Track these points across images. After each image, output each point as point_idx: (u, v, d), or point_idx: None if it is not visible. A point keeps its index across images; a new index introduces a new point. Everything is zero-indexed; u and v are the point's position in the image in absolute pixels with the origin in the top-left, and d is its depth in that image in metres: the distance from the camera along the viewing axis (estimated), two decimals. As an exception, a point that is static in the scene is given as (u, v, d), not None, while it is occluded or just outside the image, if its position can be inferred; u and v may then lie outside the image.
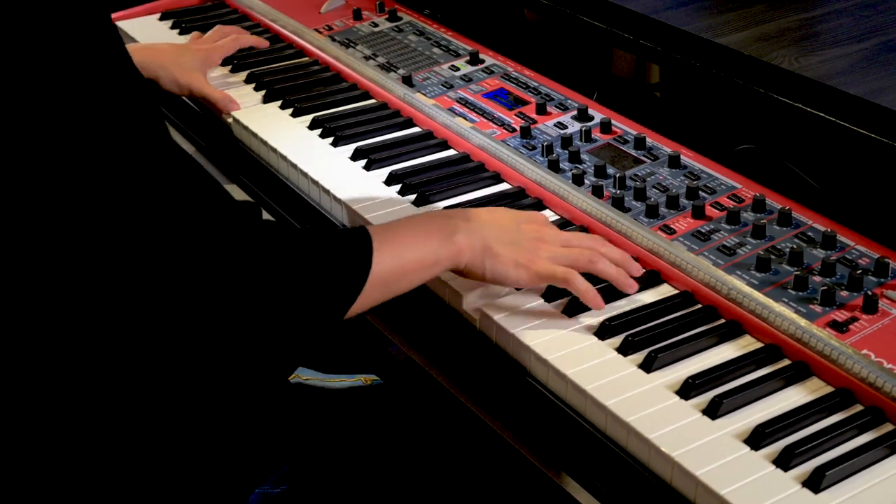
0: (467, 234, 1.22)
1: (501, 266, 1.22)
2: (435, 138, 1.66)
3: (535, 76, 1.77)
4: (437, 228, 1.22)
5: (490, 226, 1.24)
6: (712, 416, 1.11)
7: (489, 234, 1.23)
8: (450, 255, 1.21)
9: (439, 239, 1.20)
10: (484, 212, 1.27)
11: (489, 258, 1.22)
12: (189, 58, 1.81)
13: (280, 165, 1.64)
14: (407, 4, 2.06)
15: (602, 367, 1.18)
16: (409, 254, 1.18)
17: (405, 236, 1.19)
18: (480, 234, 1.22)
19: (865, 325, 1.20)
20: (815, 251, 1.32)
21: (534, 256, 1.24)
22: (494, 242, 1.22)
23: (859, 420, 1.10)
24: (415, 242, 1.19)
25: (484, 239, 1.22)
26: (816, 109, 1.41)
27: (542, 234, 1.26)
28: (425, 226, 1.22)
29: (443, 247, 1.20)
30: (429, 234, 1.21)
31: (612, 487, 1.12)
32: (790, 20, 1.63)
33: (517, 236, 1.24)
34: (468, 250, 1.22)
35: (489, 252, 1.22)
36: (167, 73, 1.77)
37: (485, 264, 1.22)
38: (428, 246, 1.19)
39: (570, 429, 1.16)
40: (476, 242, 1.22)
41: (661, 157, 1.53)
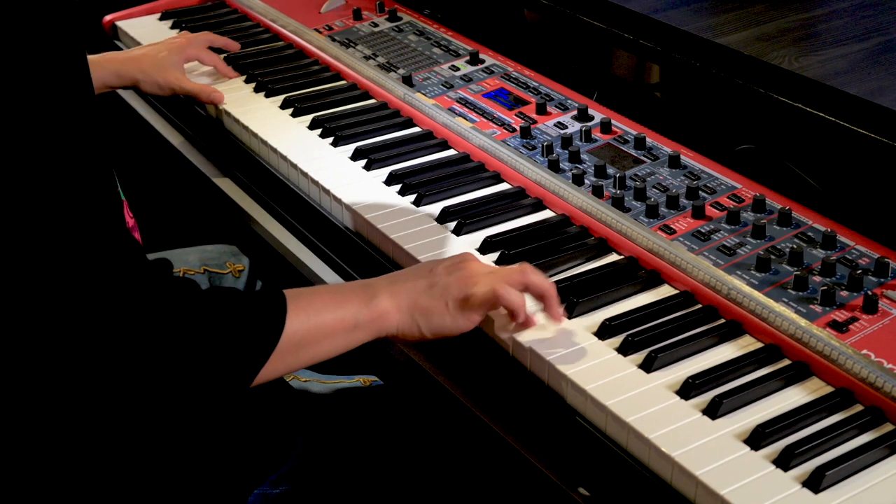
0: (390, 296, 1.17)
1: (436, 318, 1.18)
2: (435, 138, 1.66)
3: (535, 76, 1.77)
4: (357, 292, 1.17)
5: (412, 283, 1.19)
6: (712, 416, 1.11)
7: (412, 290, 1.18)
8: (372, 318, 1.16)
9: (359, 302, 1.16)
10: (405, 271, 1.23)
11: (420, 315, 1.18)
12: (165, 55, 1.80)
13: (280, 165, 1.64)
14: (407, 4, 2.06)
15: (602, 367, 1.18)
16: (326, 316, 1.13)
17: (322, 299, 1.15)
18: (405, 293, 1.18)
19: (865, 325, 1.20)
20: (815, 251, 1.32)
21: (464, 294, 1.18)
22: (419, 297, 1.18)
23: (859, 420, 1.10)
24: (333, 305, 1.14)
25: (408, 298, 1.17)
26: (816, 109, 1.41)
27: (463, 267, 1.21)
28: (344, 290, 1.18)
29: (362, 310, 1.15)
30: (347, 297, 1.16)
31: (612, 487, 1.12)
32: (790, 20, 1.63)
33: (440, 279, 1.19)
34: (395, 313, 1.17)
35: (418, 308, 1.18)
36: (146, 77, 1.76)
37: (418, 323, 1.18)
38: (347, 309, 1.15)
39: (571, 428, 1.16)
40: (402, 303, 1.17)
41: (661, 157, 1.53)
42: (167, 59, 1.79)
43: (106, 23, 2.14)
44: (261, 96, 1.80)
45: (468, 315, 1.19)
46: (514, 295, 1.19)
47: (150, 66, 1.77)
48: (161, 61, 1.78)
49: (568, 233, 1.42)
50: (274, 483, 1.34)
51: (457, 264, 1.22)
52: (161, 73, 1.76)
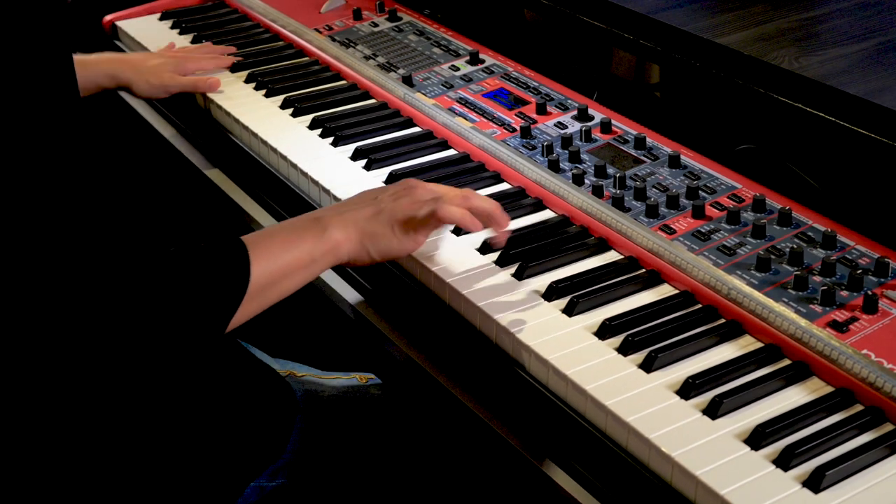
0: (340, 226, 1.23)
1: (383, 241, 1.24)
2: (435, 138, 1.66)
3: (535, 76, 1.77)
4: (309, 228, 1.22)
5: (358, 211, 1.25)
6: (712, 416, 1.11)
7: (360, 218, 1.24)
8: (326, 250, 1.22)
9: (313, 237, 1.21)
10: (351, 199, 1.29)
11: (368, 240, 1.24)
12: (158, 61, 1.81)
13: (280, 165, 1.64)
14: (407, 4, 2.06)
15: (602, 367, 1.18)
16: (285, 256, 1.18)
17: (279, 240, 1.20)
18: (353, 222, 1.24)
19: (865, 325, 1.20)
20: (815, 251, 1.32)
21: (408, 217, 1.25)
22: (367, 224, 1.24)
23: (859, 420, 1.10)
24: (289, 244, 1.20)
25: (357, 225, 1.24)
26: (816, 109, 1.41)
27: (411, 194, 1.27)
28: (297, 228, 1.23)
29: (317, 245, 1.21)
30: (301, 235, 1.21)
31: (612, 487, 1.12)
32: (790, 20, 1.63)
33: (387, 208, 1.25)
34: (345, 242, 1.23)
35: (366, 235, 1.24)
36: (139, 77, 1.77)
37: (367, 248, 1.24)
38: (302, 247, 1.20)
39: (571, 428, 1.16)
40: (351, 232, 1.23)
41: (661, 157, 1.53)
42: (162, 64, 1.81)
43: (106, 23, 2.14)
44: (261, 96, 1.80)
45: (413, 237, 1.27)
46: (454, 211, 1.25)
47: (144, 69, 1.78)
48: (153, 66, 1.80)
49: (568, 233, 1.42)
50: (270, 476, 1.34)
51: (401, 190, 1.28)
52: (154, 76, 1.78)
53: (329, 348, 1.68)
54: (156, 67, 1.80)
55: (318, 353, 1.65)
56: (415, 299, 1.37)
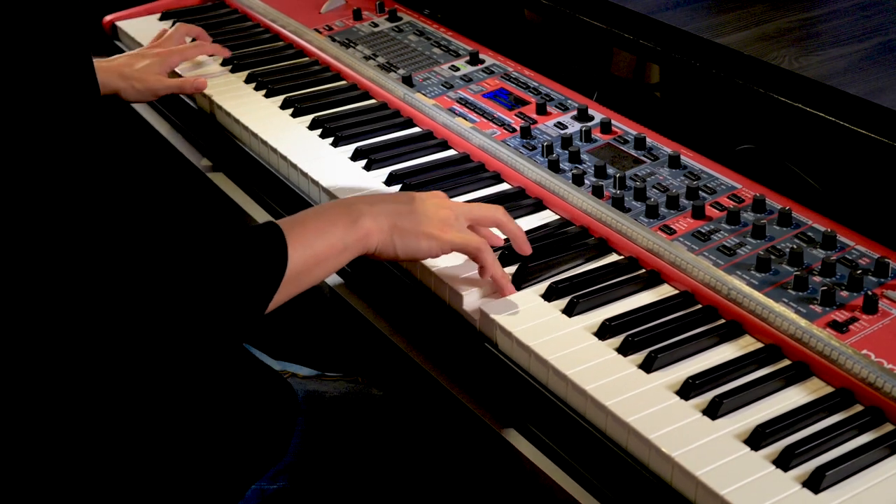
0: (372, 217, 1.24)
1: (412, 240, 1.25)
2: (435, 138, 1.66)
3: (535, 76, 1.77)
4: (341, 216, 1.23)
5: (393, 205, 1.26)
6: (712, 417, 1.11)
7: (393, 213, 1.25)
8: (357, 239, 1.23)
9: (345, 225, 1.22)
10: (386, 194, 1.30)
11: (398, 236, 1.25)
12: (144, 63, 1.79)
13: (280, 166, 1.64)
14: (407, 4, 2.06)
15: (602, 367, 1.18)
16: (318, 244, 1.20)
17: (312, 227, 1.21)
18: (385, 215, 1.25)
19: (865, 325, 1.20)
20: (815, 251, 1.32)
21: (443, 226, 1.27)
22: (400, 220, 1.25)
23: (859, 420, 1.10)
24: (322, 232, 1.21)
25: (389, 218, 1.25)
26: (816, 109, 1.41)
27: (445, 204, 1.29)
28: (329, 215, 1.24)
29: (349, 233, 1.22)
30: (333, 222, 1.22)
31: (612, 487, 1.12)
32: (790, 20, 1.63)
33: (421, 210, 1.27)
34: (376, 233, 1.24)
35: (396, 230, 1.25)
36: (127, 84, 1.76)
37: (395, 242, 1.25)
38: (335, 234, 1.21)
39: (571, 428, 1.16)
40: (383, 224, 1.24)
41: (661, 157, 1.53)
42: (147, 67, 1.79)
43: (106, 23, 2.14)
44: (261, 96, 1.80)
45: (440, 246, 1.27)
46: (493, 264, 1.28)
47: (129, 74, 1.76)
48: (141, 70, 1.78)
49: (568, 233, 1.42)
50: (271, 478, 1.34)
51: (438, 199, 1.30)
52: (140, 80, 1.76)
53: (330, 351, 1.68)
54: (141, 71, 1.78)
55: (319, 355, 1.65)
56: (415, 299, 1.37)
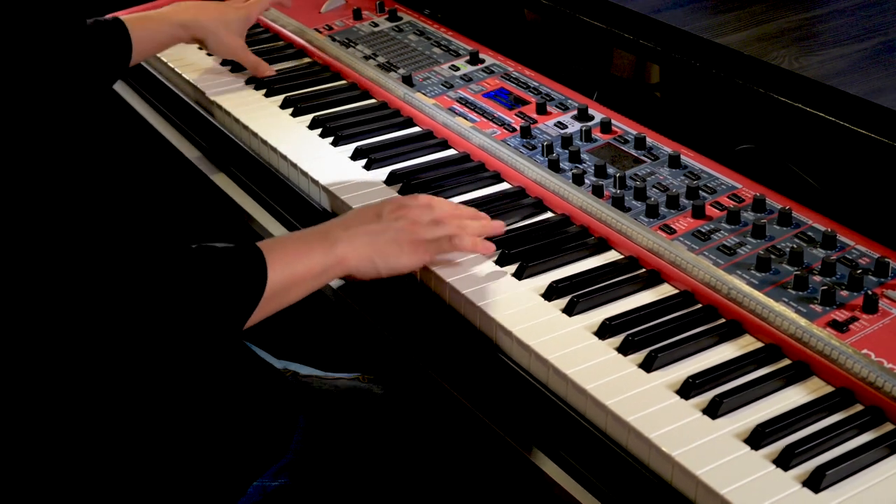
0: (348, 242, 1.29)
1: (391, 259, 1.31)
2: (435, 138, 1.66)
3: (535, 76, 1.77)
4: (319, 241, 1.28)
5: (369, 227, 1.31)
6: (712, 416, 1.11)
7: (367, 234, 1.30)
8: (334, 262, 1.28)
9: (322, 250, 1.27)
10: (361, 214, 1.34)
11: (377, 257, 1.30)
12: (234, 18, 1.84)
13: (280, 165, 1.64)
14: (407, 4, 2.06)
15: (602, 367, 1.18)
16: (297, 266, 1.24)
17: (292, 250, 1.25)
18: (360, 238, 1.30)
19: (865, 325, 1.20)
20: (815, 251, 1.32)
21: (414, 237, 1.32)
22: (374, 241, 1.30)
23: (859, 420, 1.10)
24: (301, 255, 1.25)
25: (364, 242, 1.30)
26: (816, 109, 1.41)
27: (408, 215, 1.33)
28: (307, 239, 1.28)
29: (327, 257, 1.27)
30: (312, 246, 1.27)
31: (613, 487, 1.12)
32: (790, 20, 1.63)
33: (390, 225, 1.32)
34: (353, 257, 1.29)
35: (375, 251, 1.30)
36: (214, 37, 1.81)
37: (376, 263, 1.30)
38: (313, 258, 1.26)
39: (571, 428, 1.16)
40: (359, 247, 1.29)
41: (661, 156, 1.53)
42: (236, 22, 1.84)
43: (106, 22, 2.14)
44: (261, 95, 1.81)
45: (421, 256, 1.33)
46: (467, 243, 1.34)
47: (220, 26, 1.82)
48: (231, 23, 1.83)
49: (568, 232, 1.42)
50: (273, 475, 1.34)
51: (399, 209, 1.34)
52: (231, 37, 1.83)
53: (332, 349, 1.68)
54: (233, 25, 1.84)
55: (320, 354, 1.65)
56: (414, 299, 1.37)
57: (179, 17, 1.79)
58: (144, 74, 2.00)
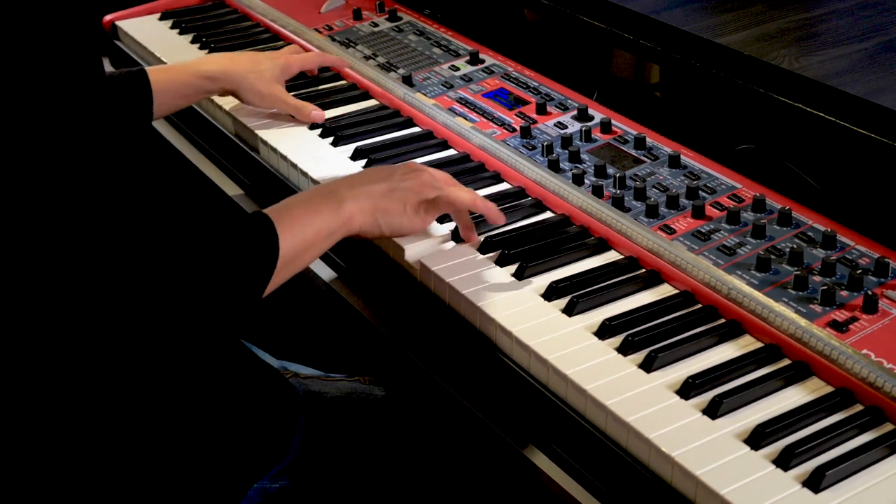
0: (354, 200, 1.29)
1: (395, 218, 1.32)
2: (435, 138, 1.66)
3: (535, 76, 1.77)
4: (325, 201, 1.28)
5: (372, 187, 1.32)
6: (712, 416, 1.11)
7: (374, 194, 1.31)
8: (341, 223, 1.28)
9: (329, 211, 1.27)
10: (365, 175, 1.35)
11: (381, 215, 1.31)
12: (268, 66, 1.73)
13: (280, 165, 1.64)
14: (407, 4, 2.06)
15: (602, 367, 1.18)
16: (306, 230, 1.24)
17: (299, 215, 1.25)
18: (366, 197, 1.30)
19: (865, 325, 1.20)
20: (815, 251, 1.32)
21: (420, 198, 1.34)
22: (381, 200, 1.31)
23: (859, 420, 1.10)
24: (308, 219, 1.25)
25: (371, 200, 1.31)
26: (816, 109, 1.41)
27: (420, 177, 1.35)
28: (313, 201, 1.28)
29: (334, 218, 1.27)
30: (318, 208, 1.27)
31: (613, 487, 1.12)
32: (790, 20, 1.63)
33: (398, 185, 1.33)
34: (359, 215, 1.29)
35: (379, 210, 1.31)
36: (249, 85, 1.69)
37: (378, 222, 1.31)
38: (320, 219, 1.26)
39: (571, 429, 1.16)
40: (365, 206, 1.30)
41: (661, 157, 1.53)
42: (271, 71, 1.73)
43: (106, 23, 2.14)
44: (261, 96, 1.80)
45: (423, 217, 1.35)
46: (464, 195, 1.36)
47: (254, 76, 1.70)
48: (264, 72, 1.72)
49: (568, 232, 1.42)
50: (273, 477, 1.34)
51: (410, 172, 1.36)
52: (266, 85, 1.70)
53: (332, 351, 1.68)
54: (267, 73, 1.71)
55: (321, 355, 1.65)
56: (414, 299, 1.37)
57: (205, 69, 1.69)
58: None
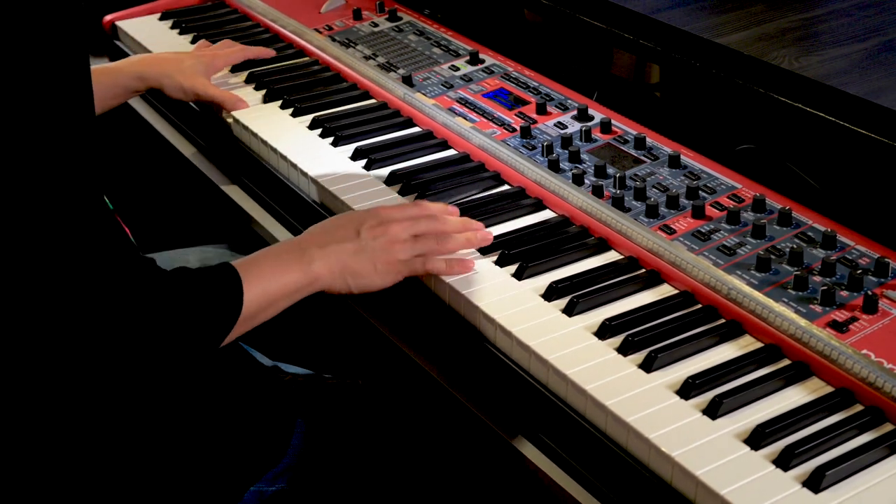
0: (323, 260, 1.29)
1: (365, 279, 1.31)
2: (435, 138, 1.66)
3: (535, 76, 1.77)
4: (295, 259, 1.28)
5: (342, 246, 1.31)
6: (712, 416, 1.11)
7: (342, 253, 1.30)
8: (308, 282, 1.28)
9: (297, 270, 1.28)
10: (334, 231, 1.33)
11: (350, 276, 1.30)
12: (191, 62, 1.78)
13: (280, 165, 1.64)
14: (407, 4, 2.06)
15: (602, 367, 1.18)
16: (272, 285, 1.25)
17: (267, 269, 1.26)
18: (336, 256, 1.30)
19: (865, 325, 1.20)
20: (815, 251, 1.32)
21: (390, 257, 1.31)
22: (349, 260, 1.30)
23: (859, 420, 1.10)
24: (276, 275, 1.26)
25: (339, 260, 1.30)
26: (816, 109, 1.41)
27: (388, 233, 1.32)
28: (282, 257, 1.29)
29: (301, 276, 1.28)
30: (287, 265, 1.28)
31: (613, 487, 1.12)
32: (790, 20, 1.63)
33: (367, 244, 1.31)
34: (327, 275, 1.29)
35: (348, 270, 1.30)
36: (171, 80, 1.74)
37: (348, 282, 1.30)
38: (287, 276, 1.27)
39: (571, 429, 1.16)
40: (334, 266, 1.29)
41: (661, 157, 1.53)
42: (193, 66, 1.78)
43: (106, 23, 2.14)
44: (261, 96, 1.80)
45: (394, 275, 1.32)
46: (441, 266, 1.33)
47: (174, 70, 1.75)
48: (186, 68, 1.77)
49: (568, 233, 1.42)
50: (270, 480, 1.34)
51: (380, 226, 1.33)
52: (187, 78, 1.75)
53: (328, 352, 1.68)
54: (188, 69, 1.77)
55: (318, 356, 1.65)
56: (414, 300, 1.37)
57: (133, 69, 1.74)
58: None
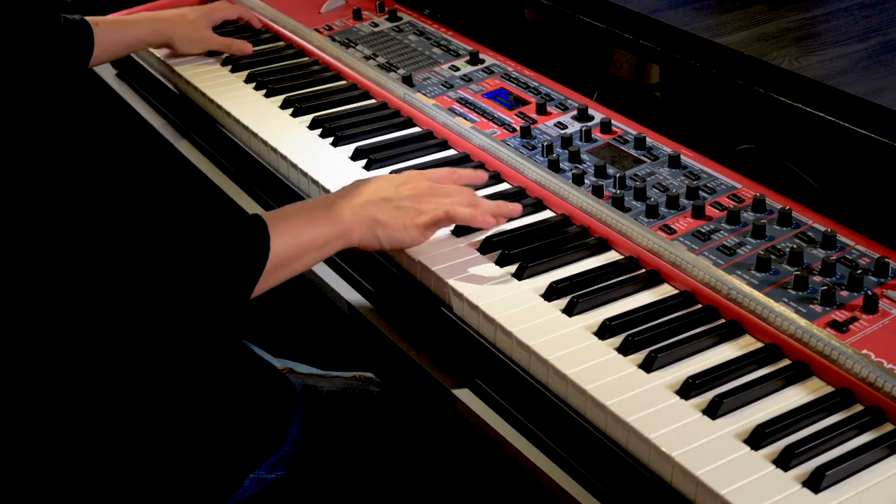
0: (353, 213, 1.30)
1: (394, 232, 1.32)
2: (435, 138, 1.66)
3: (535, 76, 1.77)
4: (325, 212, 1.29)
5: (373, 200, 1.32)
6: (712, 416, 1.11)
7: (374, 208, 1.32)
8: (339, 234, 1.29)
9: (328, 222, 1.28)
10: (365, 188, 1.34)
11: (380, 229, 1.31)
12: (194, 15, 1.94)
13: (280, 165, 1.64)
14: (407, 4, 2.06)
15: (602, 367, 1.18)
16: (301, 236, 1.25)
17: (296, 221, 1.26)
18: (366, 210, 1.31)
19: (865, 325, 1.20)
20: (815, 251, 1.32)
21: (417, 213, 1.33)
22: (380, 214, 1.31)
23: (859, 420, 1.10)
24: (305, 226, 1.26)
25: (370, 214, 1.31)
26: (816, 109, 1.41)
27: (418, 189, 1.35)
28: (313, 210, 1.29)
29: (332, 228, 1.28)
30: (316, 217, 1.28)
31: (613, 487, 1.12)
32: (790, 20, 1.63)
33: (398, 201, 1.33)
34: (358, 228, 1.30)
35: (378, 224, 1.31)
36: (180, 35, 1.90)
37: (378, 236, 1.31)
38: (318, 228, 1.27)
39: (571, 428, 1.16)
40: (364, 219, 1.30)
41: (661, 157, 1.53)
42: (199, 19, 1.93)
43: (106, 23, 2.14)
44: (260, 96, 1.81)
45: (423, 231, 1.34)
46: (465, 212, 1.35)
47: (183, 24, 1.91)
48: (192, 22, 1.92)
49: (568, 233, 1.42)
50: (269, 468, 1.35)
51: (412, 185, 1.36)
52: (194, 31, 1.91)
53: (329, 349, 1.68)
54: (194, 22, 1.92)
55: (318, 353, 1.65)
56: (414, 299, 1.37)
57: (149, 24, 1.88)
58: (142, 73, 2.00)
